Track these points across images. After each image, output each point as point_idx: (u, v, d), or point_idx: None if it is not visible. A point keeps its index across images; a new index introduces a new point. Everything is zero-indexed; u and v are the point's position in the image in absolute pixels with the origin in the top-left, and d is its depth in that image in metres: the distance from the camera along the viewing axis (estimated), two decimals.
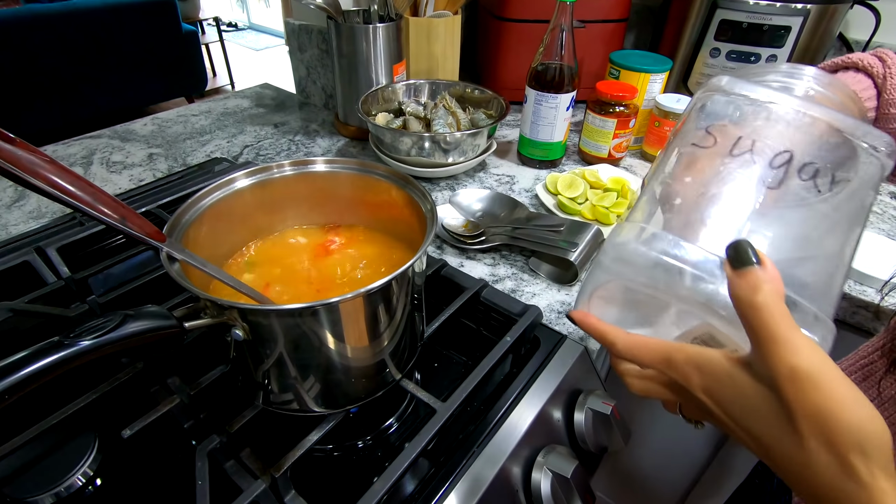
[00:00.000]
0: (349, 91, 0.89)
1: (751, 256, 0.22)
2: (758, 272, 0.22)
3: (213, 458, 0.40)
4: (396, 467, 0.38)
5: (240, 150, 0.90)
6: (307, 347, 0.37)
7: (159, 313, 0.30)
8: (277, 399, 0.42)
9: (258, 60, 4.69)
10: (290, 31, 1.05)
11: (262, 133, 0.96)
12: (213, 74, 4.09)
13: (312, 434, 0.41)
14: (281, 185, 0.47)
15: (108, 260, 0.59)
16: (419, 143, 0.76)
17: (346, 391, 0.42)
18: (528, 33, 0.99)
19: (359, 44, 0.84)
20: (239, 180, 0.45)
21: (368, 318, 0.38)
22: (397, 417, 0.49)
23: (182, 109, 1.05)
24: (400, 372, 0.45)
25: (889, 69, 0.38)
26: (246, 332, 0.35)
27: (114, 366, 0.46)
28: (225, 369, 0.45)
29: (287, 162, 0.46)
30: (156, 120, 1.00)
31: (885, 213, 0.75)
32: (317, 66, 1.04)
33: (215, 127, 0.98)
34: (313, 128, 0.99)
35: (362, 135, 0.94)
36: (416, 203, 0.44)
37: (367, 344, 0.40)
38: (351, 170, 0.47)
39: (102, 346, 0.27)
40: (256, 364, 0.39)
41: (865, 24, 0.97)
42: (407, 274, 0.39)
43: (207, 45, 3.86)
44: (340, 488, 0.43)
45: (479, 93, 0.88)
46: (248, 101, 1.10)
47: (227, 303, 0.33)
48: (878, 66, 0.39)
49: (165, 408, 0.42)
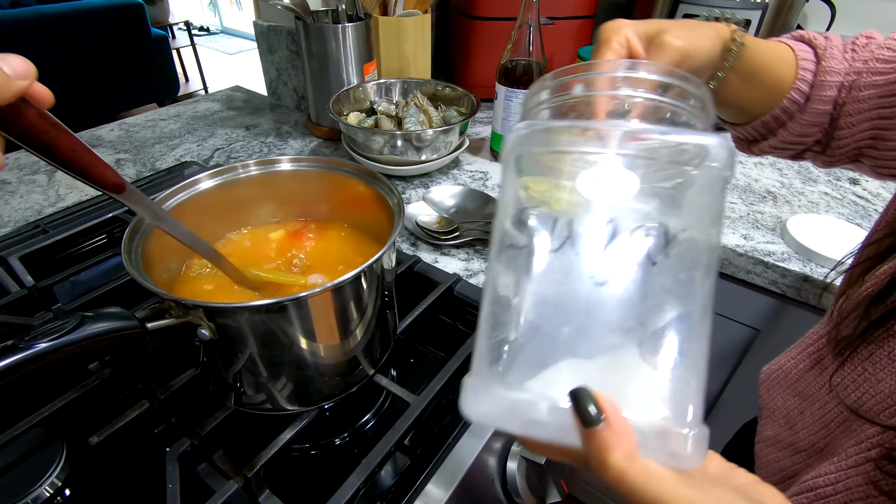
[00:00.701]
0: (320, 92, 0.89)
1: (592, 415, 0.19)
2: (604, 435, 0.19)
3: (185, 461, 0.40)
4: (370, 462, 0.38)
5: (210, 154, 0.89)
6: (277, 345, 0.37)
7: (119, 314, 0.30)
8: (249, 399, 0.42)
9: (232, 64, 4.63)
10: (259, 33, 1.04)
11: (233, 136, 0.95)
12: (186, 80, 4.02)
13: (286, 432, 0.41)
14: (247, 186, 0.47)
15: (73, 267, 0.57)
16: (391, 141, 0.76)
17: (319, 388, 0.42)
18: (498, 31, 1.00)
19: (328, 44, 0.84)
20: (203, 181, 0.44)
21: (338, 312, 0.39)
22: (374, 413, 0.49)
23: (150, 114, 1.03)
24: (373, 367, 0.45)
25: (830, 41, 0.41)
26: (212, 331, 0.35)
27: (80, 372, 0.45)
28: (195, 372, 0.45)
29: (252, 162, 0.46)
30: (123, 125, 0.98)
31: (845, 198, 0.78)
32: (287, 68, 1.03)
33: (185, 131, 0.97)
34: (285, 129, 0.98)
35: (335, 135, 0.93)
36: (384, 198, 0.44)
37: (338, 339, 0.40)
38: (317, 167, 0.47)
39: (60, 349, 0.26)
40: (226, 364, 0.39)
41: (822, 17, 1.00)
42: (375, 268, 0.40)
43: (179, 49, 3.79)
44: (318, 486, 0.43)
45: (451, 90, 0.88)
46: (218, 104, 1.08)
47: (192, 302, 0.33)
48: (822, 41, 0.42)
49: (134, 413, 0.42)
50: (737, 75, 0.40)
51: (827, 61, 0.40)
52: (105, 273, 0.60)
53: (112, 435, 0.41)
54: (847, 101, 0.40)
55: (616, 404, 0.20)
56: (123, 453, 0.43)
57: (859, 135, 0.40)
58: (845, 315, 0.36)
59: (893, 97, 0.37)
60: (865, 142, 0.40)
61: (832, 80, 0.40)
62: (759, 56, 0.40)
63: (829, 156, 0.43)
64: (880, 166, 0.40)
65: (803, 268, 0.63)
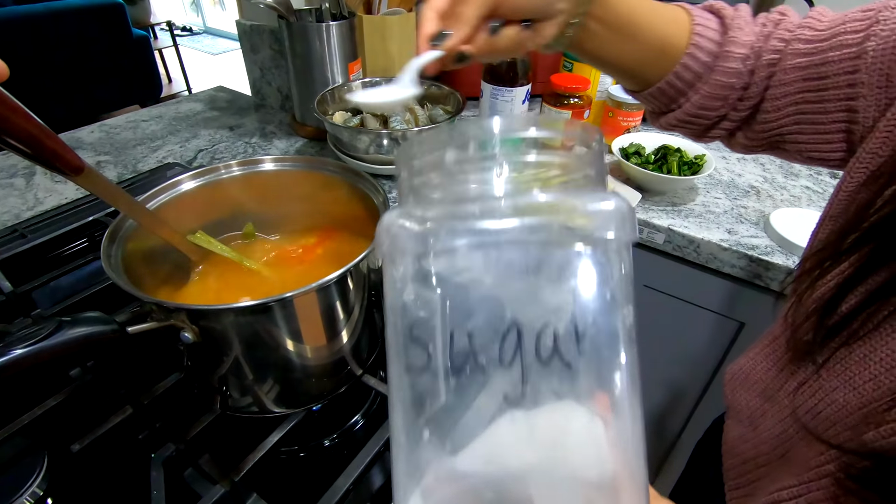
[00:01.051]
0: (305, 91, 0.88)
1: None
2: None
3: (170, 467, 0.39)
4: (358, 463, 0.38)
5: (194, 155, 0.88)
6: (262, 347, 0.37)
7: (98, 318, 0.29)
8: (236, 402, 0.41)
9: (216, 65, 4.57)
10: (242, 32, 1.03)
11: (216, 137, 0.94)
12: (169, 81, 3.96)
13: (273, 435, 0.40)
14: (230, 186, 0.46)
15: (53, 272, 0.56)
16: (377, 140, 0.76)
17: (306, 389, 0.42)
18: None
19: (312, 43, 0.83)
20: (185, 182, 0.44)
21: (324, 312, 0.38)
22: (363, 414, 0.49)
23: (131, 115, 1.01)
24: (361, 368, 0.45)
25: (739, 12, 0.40)
26: (196, 334, 0.34)
27: (62, 379, 0.45)
28: (180, 376, 0.44)
29: (235, 162, 0.46)
30: (104, 126, 0.97)
31: (826, 192, 0.79)
32: (271, 67, 1.02)
33: (167, 132, 0.95)
34: (270, 129, 0.97)
35: (320, 135, 0.93)
36: (369, 196, 0.44)
37: (325, 339, 0.40)
38: (300, 167, 0.47)
39: (37, 355, 0.26)
40: (211, 368, 0.39)
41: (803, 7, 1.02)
42: (361, 267, 0.39)
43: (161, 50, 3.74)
44: (307, 489, 0.42)
45: (437, 89, 0.88)
46: (201, 104, 1.07)
47: (173, 305, 0.32)
48: (730, 10, 0.40)
49: (117, 419, 0.41)
50: (605, 27, 0.39)
51: (733, 31, 0.39)
52: (87, 277, 0.59)
53: (94, 442, 0.40)
54: (771, 85, 0.39)
55: None
56: (107, 460, 0.43)
57: (785, 119, 0.39)
58: (800, 322, 0.34)
59: (818, 80, 0.36)
60: (790, 126, 0.39)
61: (737, 52, 0.39)
62: (631, 8, 0.38)
63: (749, 139, 0.43)
64: (808, 150, 0.39)
65: (786, 261, 0.64)
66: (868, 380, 0.30)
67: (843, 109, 0.35)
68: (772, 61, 0.38)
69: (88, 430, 0.40)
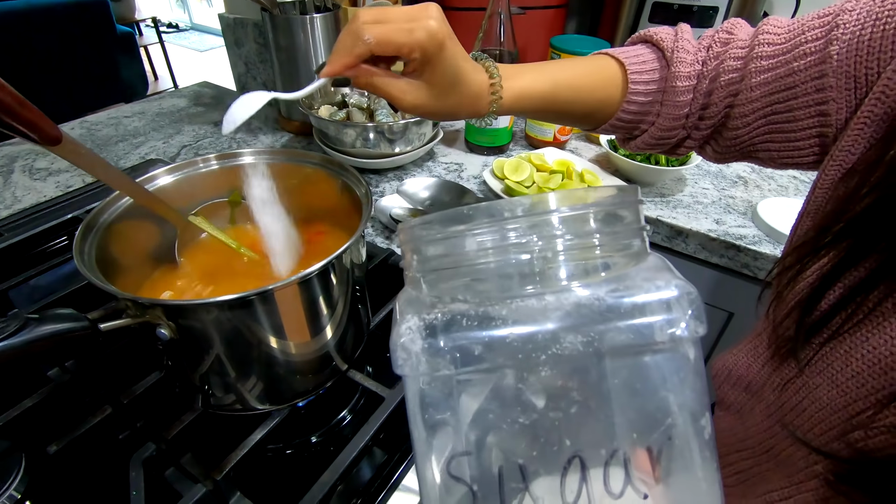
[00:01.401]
0: (290, 85, 0.87)
1: None
2: None
3: (151, 466, 0.38)
4: (344, 459, 0.38)
5: (177, 151, 0.86)
6: (244, 343, 0.36)
7: (69, 315, 0.28)
8: (218, 400, 0.40)
9: (203, 62, 4.52)
10: (226, 26, 1.01)
11: (200, 132, 0.92)
12: (155, 78, 3.91)
13: (256, 432, 0.40)
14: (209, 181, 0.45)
15: (31, 270, 0.55)
16: (363, 133, 0.75)
17: (290, 385, 0.41)
18: (470, 21, 0.99)
19: (296, 36, 0.82)
20: (161, 177, 0.43)
21: (306, 306, 0.37)
22: (350, 410, 0.48)
23: (113, 111, 0.99)
24: (346, 363, 0.45)
25: (678, 43, 0.40)
26: (172, 330, 0.33)
27: (39, 379, 0.43)
28: (160, 375, 0.43)
29: (213, 155, 0.45)
30: (84, 123, 0.95)
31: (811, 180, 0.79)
32: (255, 62, 1.01)
33: (150, 128, 0.93)
34: (256, 125, 0.96)
35: (306, 129, 0.91)
36: (352, 189, 0.43)
37: (308, 334, 0.39)
38: (281, 160, 0.46)
39: (2, 353, 0.25)
40: (192, 365, 0.38)
41: (788, 3, 1.02)
42: (343, 260, 0.39)
43: (147, 47, 3.68)
44: (293, 486, 0.42)
45: None
46: (185, 100, 1.05)
47: (148, 300, 0.31)
48: (669, 40, 0.41)
49: (96, 419, 0.40)
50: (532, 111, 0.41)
51: (675, 66, 0.40)
52: (66, 276, 0.58)
53: (73, 443, 0.39)
54: (736, 103, 0.39)
55: None
56: (86, 462, 0.42)
57: (754, 131, 0.40)
58: (781, 318, 0.34)
59: (785, 90, 0.36)
60: (761, 137, 0.40)
61: (683, 84, 0.40)
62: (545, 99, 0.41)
63: (719, 152, 0.44)
64: (781, 157, 0.39)
65: (773, 250, 0.64)
66: (851, 377, 0.29)
67: (814, 115, 0.35)
68: (732, 80, 0.39)
69: (67, 431, 0.39)
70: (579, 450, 0.15)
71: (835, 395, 0.30)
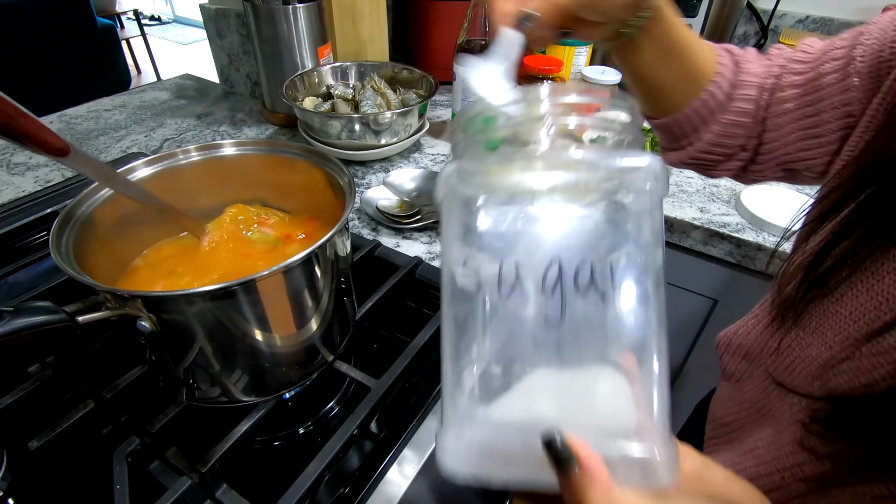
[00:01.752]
0: (274, 77, 0.86)
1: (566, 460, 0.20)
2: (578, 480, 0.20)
3: (135, 460, 0.38)
4: (330, 449, 0.38)
5: (159, 144, 0.85)
6: (227, 334, 0.36)
7: (45, 308, 0.28)
8: (203, 393, 0.40)
9: (187, 55, 4.44)
10: (208, 17, 0.99)
11: (183, 125, 0.91)
12: (138, 72, 3.84)
13: (242, 424, 0.40)
14: (189, 173, 0.45)
15: (10, 266, 0.54)
16: (349, 125, 0.74)
17: (275, 377, 0.41)
18: (455, 11, 0.98)
19: (279, 26, 0.81)
20: (139, 169, 0.42)
21: (290, 297, 0.37)
22: (337, 400, 0.48)
23: (93, 105, 0.97)
24: (332, 354, 0.44)
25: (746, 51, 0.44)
26: (153, 323, 0.33)
27: (19, 375, 0.43)
28: (143, 369, 0.43)
29: (193, 147, 0.44)
30: (63, 117, 0.93)
31: None
32: (238, 53, 0.99)
33: (131, 121, 0.92)
34: (240, 117, 0.95)
35: (291, 122, 0.90)
36: (335, 179, 0.43)
37: (293, 325, 0.39)
38: (262, 151, 0.45)
39: None
40: (175, 358, 0.37)
41: None
42: (327, 251, 0.38)
43: (129, 40, 3.61)
44: (281, 477, 0.42)
45: (409, 73, 0.87)
46: (167, 92, 1.03)
47: (128, 292, 0.31)
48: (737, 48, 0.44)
49: (79, 414, 0.40)
50: (657, 46, 0.40)
51: (745, 64, 0.43)
52: (46, 272, 0.57)
53: (55, 438, 0.38)
54: (771, 103, 0.41)
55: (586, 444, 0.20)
56: (70, 457, 0.41)
57: (788, 136, 0.41)
58: (788, 280, 0.36)
59: (814, 93, 0.39)
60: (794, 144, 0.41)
61: (752, 80, 0.42)
62: (679, 32, 0.40)
63: (758, 164, 0.45)
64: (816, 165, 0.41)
65: (756, 237, 0.65)
66: (837, 333, 0.32)
67: (841, 117, 0.38)
68: (772, 85, 0.42)
69: (48, 426, 0.39)
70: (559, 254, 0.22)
71: (822, 350, 0.33)
